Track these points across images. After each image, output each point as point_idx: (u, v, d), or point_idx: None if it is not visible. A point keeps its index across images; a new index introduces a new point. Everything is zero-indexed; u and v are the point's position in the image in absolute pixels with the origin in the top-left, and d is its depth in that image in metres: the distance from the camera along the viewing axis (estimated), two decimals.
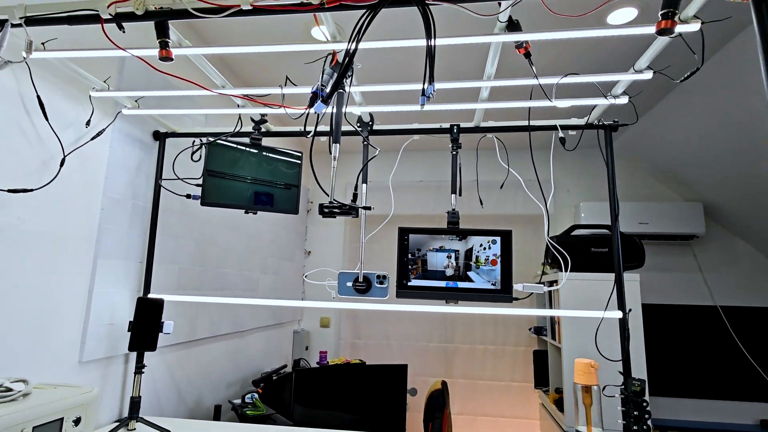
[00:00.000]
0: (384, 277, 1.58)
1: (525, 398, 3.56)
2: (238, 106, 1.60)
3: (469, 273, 1.59)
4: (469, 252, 1.60)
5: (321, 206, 1.15)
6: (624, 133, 3.46)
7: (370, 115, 1.68)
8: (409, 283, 1.60)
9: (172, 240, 1.98)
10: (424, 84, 0.94)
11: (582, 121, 1.65)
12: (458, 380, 3.61)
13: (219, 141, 1.63)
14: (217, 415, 2.24)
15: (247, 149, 1.68)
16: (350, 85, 1.29)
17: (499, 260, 1.58)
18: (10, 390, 1.07)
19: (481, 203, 1.79)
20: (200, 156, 1.76)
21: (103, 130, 1.55)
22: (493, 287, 1.57)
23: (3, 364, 1.26)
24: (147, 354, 1.83)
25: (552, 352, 3.07)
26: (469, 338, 3.67)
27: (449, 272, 1.59)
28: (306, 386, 2.99)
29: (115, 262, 1.64)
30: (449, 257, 1.60)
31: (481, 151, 3.40)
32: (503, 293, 1.56)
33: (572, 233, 2.83)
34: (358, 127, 1.66)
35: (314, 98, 1.12)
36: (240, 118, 1.68)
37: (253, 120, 1.70)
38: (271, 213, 2.79)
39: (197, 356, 2.23)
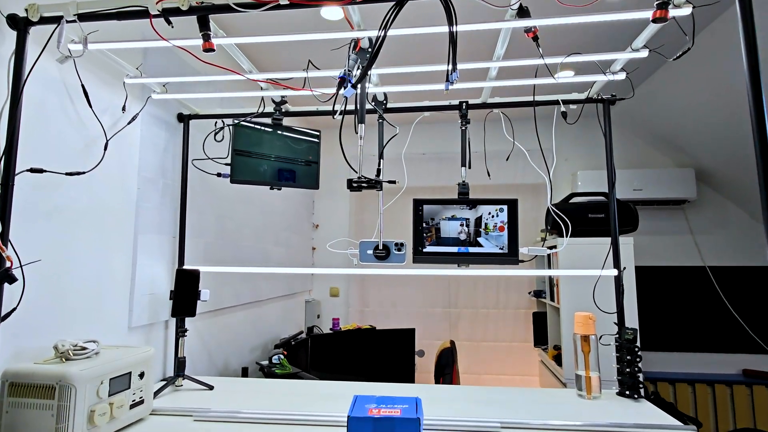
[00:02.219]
0: (402, 244, 1.73)
1: (525, 357, 3.80)
2: (261, 89, 1.70)
3: (479, 239, 1.74)
4: (478, 219, 1.74)
5: (350, 181, 1.28)
6: (620, 104, 3.57)
7: (384, 94, 1.79)
8: (424, 250, 1.75)
9: (197, 215, 2.11)
10: (448, 67, 1.06)
11: (582, 96, 1.77)
12: (463, 342, 3.83)
13: (243, 122, 1.74)
14: (245, 375, 2.43)
15: (270, 129, 1.80)
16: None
17: (506, 226, 1.73)
18: (85, 348, 1.23)
19: (489, 175, 1.92)
20: (223, 137, 1.87)
21: (138, 113, 1.66)
22: (501, 251, 1.72)
23: (66, 329, 1.42)
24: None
25: (551, 313, 3.28)
26: (473, 303, 3.87)
27: (462, 237, 1.73)
28: (321, 351, 3.19)
29: (152, 236, 1.78)
30: (461, 225, 1.74)
31: (488, 123, 3.52)
32: (510, 256, 1.72)
33: (571, 200, 2.99)
34: (374, 105, 1.77)
35: (341, 82, 1.23)
36: (263, 100, 1.79)
37: (274, 101, 1.80)
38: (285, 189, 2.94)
39: (223, 323, 2.40)
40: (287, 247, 3.37)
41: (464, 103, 1.79)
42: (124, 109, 1.61)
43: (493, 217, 1.74)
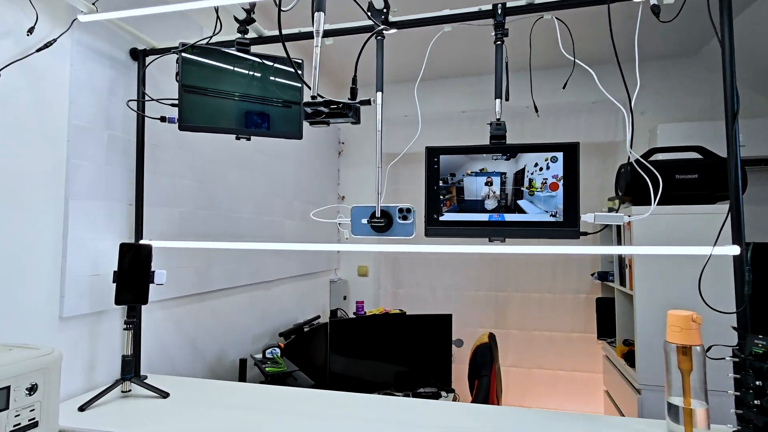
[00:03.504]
0: (408, 210, 1.23)
1: (586, 349, 3.20)
2: None
3: (519, 202, 1.20)
4: (519, 174, 1.20)
5: (305, 103, 0.79)
6: (711, 41, 2.79)
7: (385, 1, 1.27)
8: (441, 218, 1.24)
9: (167, 179, 1.72)
10: None
11: None
12: (511, 331, 3.29)
13: (196, 49, 1.29)
14: (243, 369, 2.06)
15: (232, 58, 1.34)
16: None
17: (561, 183, 1.18)
18: None
19: (537, 110, 1.36)
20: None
21: (54, 40, 1.25)
22: (552, 219, 1.18)
23: None
24: (149, 308, 1.63)
25: (620, 300, 2.65)
26: (523, 285, 3.30)
27: (490, 204, 1.21)
28: (342, 337, 2.79)
29: (93, 203, 1.40)
30: (494, 182, 1.21)
31: (536, 40, 2.86)
32: (567, 226, 1.17)
33: (650, 158, 2.32)
34: (369, 15, 1.25)
35: None
36: (218, 18, 1.33)
37: (237, 20, 1.34)
38: (281, 140, 2.47)
39: (214, 309, 2.03)
40: (305, 220, 2.95)
41: (500, 6, 1.24)
42: (30, 32, 1.20)
43: (541, 170, 1.19)
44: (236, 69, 1.34)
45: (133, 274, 1.37)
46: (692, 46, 2.98)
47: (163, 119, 1.35)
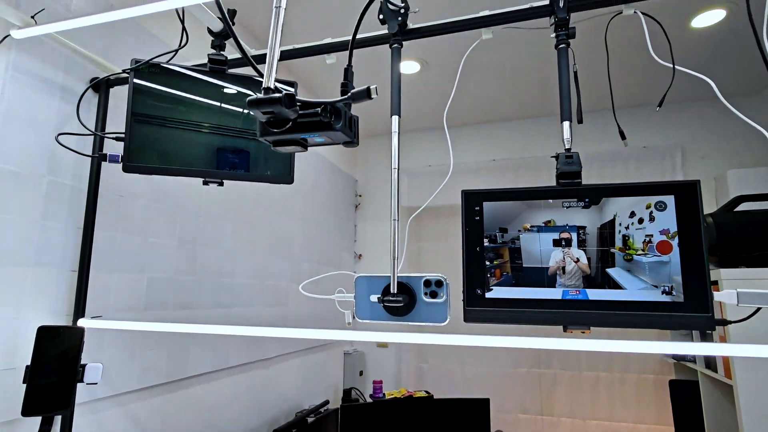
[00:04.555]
0: (438, 284, 0.83)
1: None
2: None
3: (610, 271, 0.78)
4: (607, 229, 0.80)
5: (248, 102, 0.43)
6: None
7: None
8: (488, 295, 0.83)
9: (135, 238, 1.37)
10: None
11: None
12: (561, 419, 2.71)
13: (152, 66, 0.99)
14: None
15: (200, 78, 1.02)
16: None
17: (675, 243, 0.77)
18: None
19: (623, 136, 0.98)
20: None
21: None
22: (667, 298, 0.75)
23: None
24: (94, 406, 1.22)
25: (709, 389, 2.09)
26: (573, 362, 2.75)
27: (565, 275, 0.80)
28: (356, 426, 2.29)
29: (13, 270, 1.05)
30: (566, 241, 0.81)
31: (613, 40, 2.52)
32: (693, 310, 0.74)
33: (736, 209, 1.87)
34: (381, 16, 0.93)
35: None
36: (184, 28, 1.02)
37: (211, 32, 1.04)
38: (287, 191, 2.10)
39: (191, 400, 1.60)
40: (316, 284, 2.55)
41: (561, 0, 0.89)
42: None
43: (641, 222, 0.79)
44: (208, 93, 1.02)
45: (53, 370, 0.99)
46: (755, 84, 2.60)
47: (102, 158, 1.02)
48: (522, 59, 2.27)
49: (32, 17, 1.04)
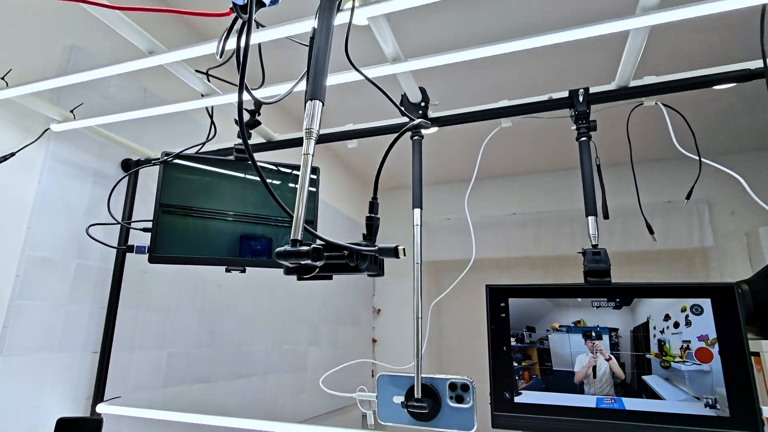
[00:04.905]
0: (464, 387, 0.80)
1: None
2: (202, 95, 0.98)
3: (647, 379, 0.74)
4: (641, 332, 0.76)
5: (276, 254, 0.43)
6: None
7: (423, 91, 0.97)
8: (516, 399, 0.79)
9: (156, 315, 1.38)
10: None
11: None
12: None
13: (184, 158, 1.02)
14: None
15: (225, 168, 1.05)
16: None
17: (715, 350, 0.73)
18: None
19: (651, 231, 0.95)
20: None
21: (8, 156, 1.01)
22: (710, 412, 0.70)
23: None
24: None
25: None
26: None
27: (598, 381, 0.76)
28: None
29: (39, 357, 1.06)
30: (598, 344, 0.77)
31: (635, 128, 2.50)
32: (740, 427, 0.69)
33: None
34: (401, 108, 0.95)
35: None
36: (212, 122, 1.06)
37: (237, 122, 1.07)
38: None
39: None
40: (334, 345, 2.52)
41: (582, 91, 0.90)
42: None
43: (677, 326, 0.75)
44: (233, 182, 1.05)
45: None
46: None
47: (129, 249, 1.04)
48: (541, 121, 2.29)
49: (71, 111, 1.09)
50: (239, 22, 0.59)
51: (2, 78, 0.95)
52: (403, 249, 0.44)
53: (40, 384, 1.06)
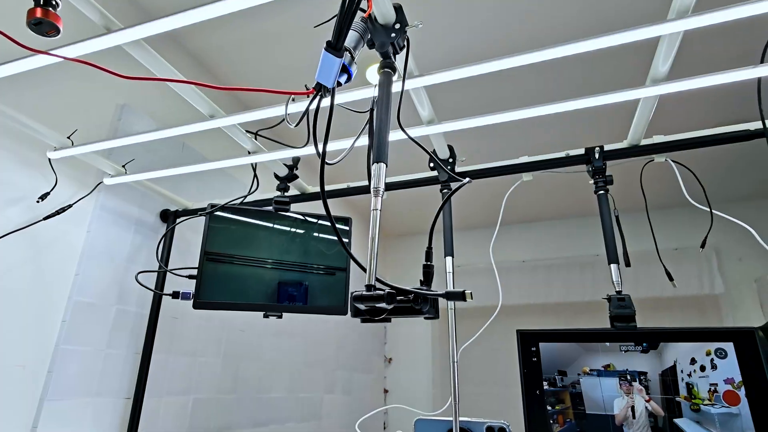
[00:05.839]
0: (502, 431, 0.83)
1: None
2: (249, 152, 1.07)
3: (679, 422, 0.77)
4: (669, 376, 0.80)
5: (353, 297, 0.50)
6: None
7: (450, 149, 1.06)
8: None
9: (183, 359, 1.41)
10: None
11: None
12: None
13: (227, 210, 1.09)
14: None
15: (265, 218, 1.12)
16: (405, 68, 0.70)
17: (742, 393, 0.76)
18: None
19: (671, 278, 1.01)
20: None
21: (66, 207, 1.09)
22: None
23: None
24: None
25: None
26: None
27: (632, 423, 0.79)
28: None
29: (77, 402, 1.08)
30: (629, 387, 0.81)
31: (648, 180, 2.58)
32: None
33: None
34: (431, 164, 1.03)
35: (320, 87, 0.54)
36: (255, 176, 1.15)
37: (277, 177, 1.16)
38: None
39: None
40: (347, 393, 2.49)
41: (597, 150, 0.98)
42: (43, 198, 1.05)
43: (703, 370, 0.79)
44: (272, 232, 1.11)
45: None
46: None
47: (175, 295, 1.10)
48: (534, 186, 2.39)
49: (123, 166, 1.18)
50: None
51: (68, 137, 1.04)
52: (470, 293, 0.49)
53: (78, 430, 1.08)
